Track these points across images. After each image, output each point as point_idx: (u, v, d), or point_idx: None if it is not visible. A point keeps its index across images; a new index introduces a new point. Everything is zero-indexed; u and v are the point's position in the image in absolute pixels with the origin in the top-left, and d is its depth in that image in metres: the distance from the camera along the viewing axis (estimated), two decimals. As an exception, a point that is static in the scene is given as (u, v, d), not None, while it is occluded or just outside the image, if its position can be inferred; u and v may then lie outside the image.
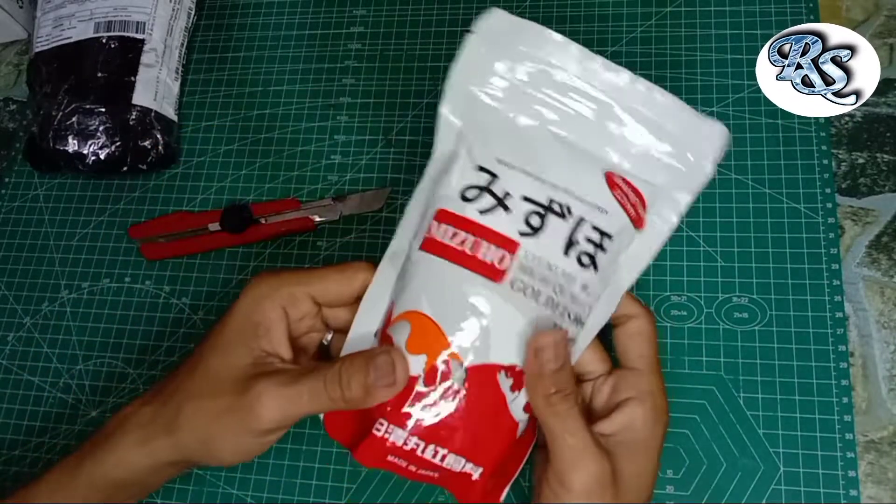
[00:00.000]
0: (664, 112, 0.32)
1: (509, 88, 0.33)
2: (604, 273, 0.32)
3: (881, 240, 0.42)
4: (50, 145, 0.49)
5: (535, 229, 0.31)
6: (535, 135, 0.33)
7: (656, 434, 0.32)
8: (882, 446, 0.38)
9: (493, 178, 0.32)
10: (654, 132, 0.32)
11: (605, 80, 0.32)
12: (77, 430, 0.45)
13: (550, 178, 0.32)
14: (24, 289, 0.49)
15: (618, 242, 0.32)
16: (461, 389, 0.30)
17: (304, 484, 0.42)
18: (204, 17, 0.56)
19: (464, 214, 0.32)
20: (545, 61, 0.32)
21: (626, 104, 0.32)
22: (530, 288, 0.31)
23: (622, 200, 0.32)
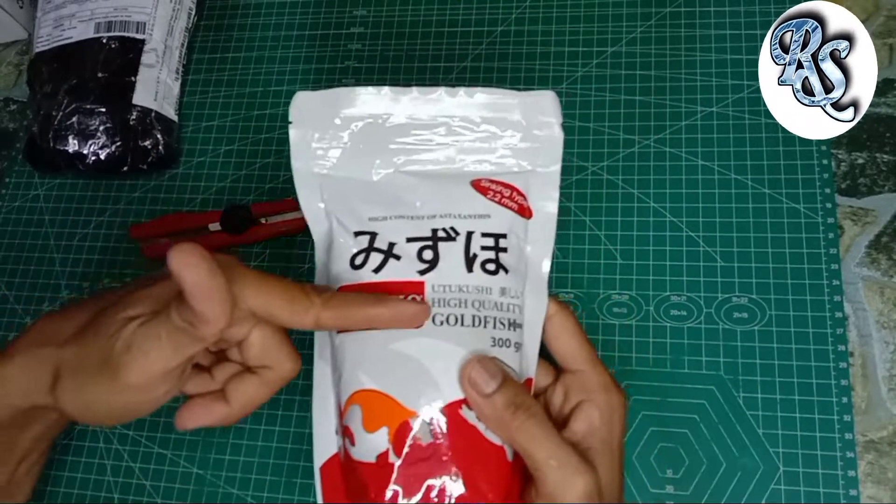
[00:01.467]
0: (494, 106, 0.33)
1: (349, 154, 0.34)
2: (516, 270, 0.32)
3: (881, 240, 0.42)
4: (50, 145, 0.49)
5: (431, 262, 0.32)
6: (393, 182, 0.33)
7: (615, 428, 0.32)
8: (882, 446, 0.38)
9: (372, 237, 0.33)
10: (497, 127, 0.33)
11: (428, 105, 0.33)
12: (77, 430, 0.45)
13: (425, 212, 0.33)
14: (25, 289, 0.49)
15: (514, 237, 0.33)
16: (433, 441, 0.30)
17: (304, 484, 0.42)
18: (204, 18, 0.56)
19: (361, 281, 0.32)
20: (368, 115, 0.33)
21: (459, 116, 0.33)
22: (452, 316, 0.31)
23: (498, 199, 0.33)
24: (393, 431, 0.30)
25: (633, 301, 0.42)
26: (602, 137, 0.46)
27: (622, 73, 0.47)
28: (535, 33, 0.50)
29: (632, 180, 0.45)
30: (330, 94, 0.34)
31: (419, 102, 0.33)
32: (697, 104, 0.46)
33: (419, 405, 0.30)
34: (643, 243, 0.43)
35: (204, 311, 0.27)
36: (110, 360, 0.29)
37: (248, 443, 0.43)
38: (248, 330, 0.31)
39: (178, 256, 0.26)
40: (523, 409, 0.29)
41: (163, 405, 0.31)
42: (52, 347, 0.31)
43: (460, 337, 0.31)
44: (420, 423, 0.30)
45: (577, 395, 0.32)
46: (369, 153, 0.34)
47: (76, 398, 0.30)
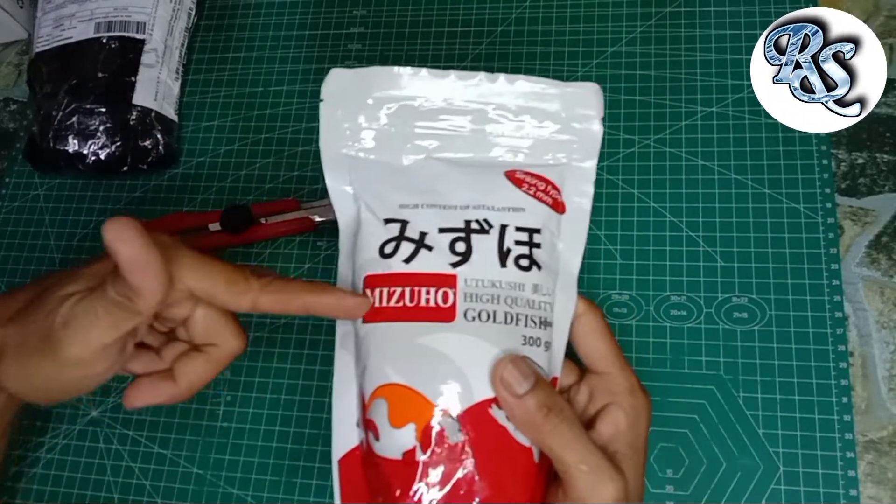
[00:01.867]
0: (534, 95, 0.32)
1: (380, 136, 0.33)
2: (549, 267, 0.32)
3: (881, 240, 0.42)
4: (50, 145, 0.49)
5: (464, 255, 0.31)
6: (424, 168, 0.33)
7: (640, 432, 0.31)
8: (881, 446, 0.38)
9: (403, 225, 0.32)
10: (534, 117, 0.32)
11: (466, 90, 0.33)
12: (77, 430, 0.45)
13: (457, 202, 0.32)
14: (25, 289, 0.49)
15: (548, 233, 0.32)
16: (461, 440, 0.29)
17: (303, 484, 0.42)
18: (204, 18, 0.56)
19: (390, 271, 0.31)
20: (402, 97, 0.33)
21: (496, 103, 0.32)
22: (484, 312, 0.30)
23: (533, 193, 0.32)
24: (421, 428, 0.29)
25: (633, 301, 0.42)
26: (602, 137, 0.46)
27: (622, 73, 0.47)
28: (536, 33, 0.50)
29: (632, 180, 0.45)
30: (364, 72, 0.33)
31: (457, 87, 0.32)
32: (697, 104, 0.46)
33: (449, 402, 0.29)
34: (643, 243, 0.43)
35: (138, 284, 0.27)
36: (50, 337, 0.29)
37: (248, 443, 0.43)
38: (191, 308, 0.31)
39: (113, 230, 0.27)
40: (555, 411, 0.29)
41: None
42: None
43: (492, 334, 0.30)
44: (450, 421, 0.29)
45: (604, 398, 0.31)
46: (401, 137, 0.33)
47: (18, 376, 0.30)
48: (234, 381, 0.44)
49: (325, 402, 0.42)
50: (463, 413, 0.29)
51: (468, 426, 0.29)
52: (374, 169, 0.33)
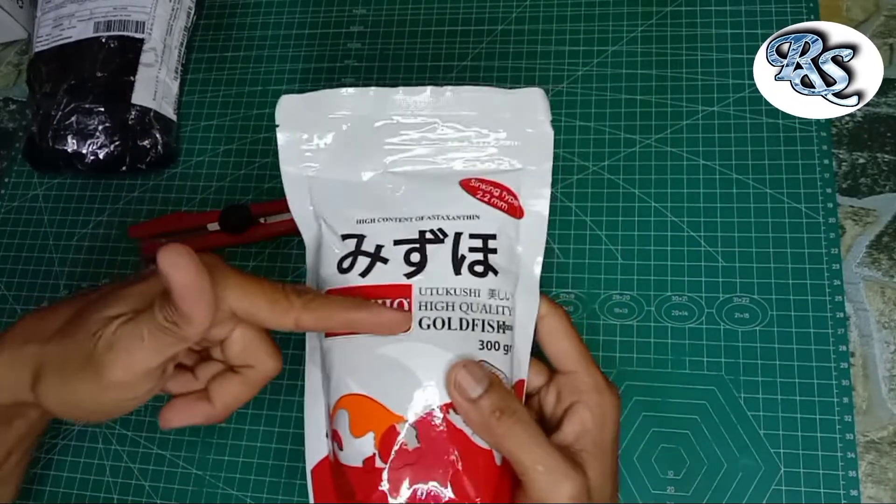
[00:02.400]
0: (481, 104, 0.33)
1: (336, 155, 0.33)
2: (507, 271, 0.32)
3: (882, 240, 0.42)
4: (49, 145, 0.49)
5: (418, 265, 0.31)
6: (381, 183, 0.33)
7: (607, 429, 0.31)
8: (882, 446, 0.38)
9: (360, 240, 0.32)
10: (485, 126, 0.33)
11: (415, 104, 0.33)
12: (76, 431, 0.45)
13: (413, 213, 0.32)
14: (24, 289, 0.49)
15: (505, 237, 0.32)
16: (419, 446, 0.30)
17: (303, 484, 0.41)
18: (203, 17, 0.55)
19: (348, 285, 0.32)
20: (355, 116, 0.33)
21: (445, 115, 0.33)
22: (439, 319, 0.31)
23: (488, 199, 0.32)
24: (379, 436, 0.30)
25: (635, 301, 0.42)
26: (603, 137, 0.46)
27: (622, 73, 0.47)
28: (536, 32, 0.50)
29: (633, 180, 0.45)
30: (315, 96, 0.33)
31: (407, 102, 0.33)
32: (698, 103, 0.46)
33: (406, 410, 0.30)
34: (644, 243, 0.43)
35: (189, 311, 0.27)
36: (92, 359, 0.29)
37: (248, 444, 0.43)
38: (230, 330, 0.31)
39: (168, 257, 0.26)
40: (508, 413, 0.29)
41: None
42: (35, 345, 0.31)
43: (447, 341, 0.30)
44: (407, 428, 0.30)
45: (570, 397, 0.32)
46: (357, 154, 0.33)
47: (58, 395, 0.30)
48: (234, 382, 0.44)
49: (325, 403, 0.42)
50: (419, 420, 0.30)
51: (424, 433, 0.30)
52: (332, 187, 0.33)
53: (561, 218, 0.45)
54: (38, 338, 0.31)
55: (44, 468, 0.44)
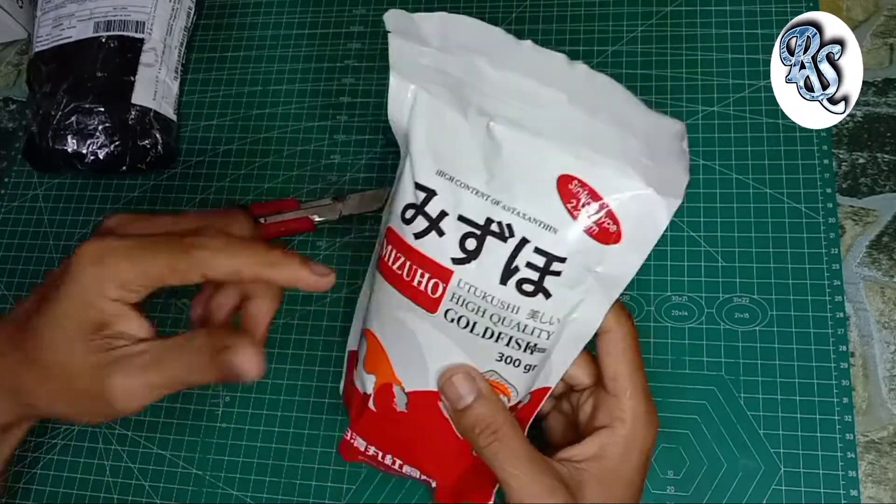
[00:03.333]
0: (618, 101, 0.28)
1: (445, 79, 0.29)
2: (563, 295, 0.28)
3: (882, 240, 0.42)
4: (49, 145, 0.49)
5: (470, 254, 0.28)
6: (477, 136, 0.28)
7: (630, 464, 0.30)
8: (882, 446, 0.38)
9: (428, 196, 0.29)
10: (615, 124, 0.28)
11: (544, 68, 0.28)
12: (76, 431, 0.45)
13: (492, 191, 0.28)
14: (24, 289, 0.49)
15: (578, 263, 0.28)
16: (404, 412, 0.30)
17: (303, 484, 0.41)
18: (203, 17, 0.56)
19: (403, 237, 0.30)
20: (474, 48, 0.29)
21: (574, 91, 0.28)
22: (464, 319, 0.29)
23: (577, 215, 0.27)
24: (379, 383, 0.31)
25: (634, 301, 0.42)
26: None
27: (622, 73, 0.47)
28: (536, 32, 0.50)
29: (632, 180, 0.45)
30: (432, 16, 0.30)
31: (535, 58, 0.28)
32: (698, 104, 0.46)
33: (406, 377, 0.30)
34: (644, 243, 0.43)
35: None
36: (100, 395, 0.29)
37: (248, 443, 0.43)
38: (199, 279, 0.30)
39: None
40: (489, 431, 0.29)
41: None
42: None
43: (465, 341, 0.29)
44: (401, 393, 0.30)
45: (603, 418, 0.31)
46: (467, 90, 0.28)
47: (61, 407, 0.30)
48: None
49: (324, 403, 0.42)
50: (414, 392, 0.30)
51: (413, 405, 0.30)
52: (430, 114, 0.29)
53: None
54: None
55: (44, 468, 0.44)
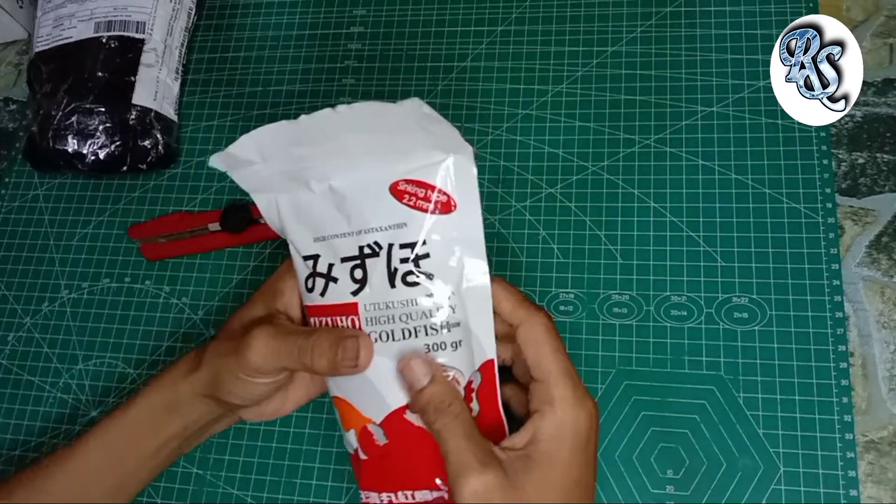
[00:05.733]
0: (383, 114, 0.32)
1: (280, 178, 0.34)
2: (444, 270, 0.33)
3: (881, 240, 0.42)
4: (49, 145, 0.49)
5: (361, 281, 0.33)
6: (327, 196, 0.34)
7: (565, 446, 0.31)
8: (882, 446, 0.38)
9: (315, 260, 0.34)
10: (391, 131, 0.32)
11: (322, 124, 0.32)
12: (77, 430, 0.45)
13: (354, 227, 0.33)
14: (24, 289, 0.49)
15: (437, 238, 0.32)
16: (387, 442, 0.33)
17: (303, 484, 0.42)
18: (204, 17, 0.56)
19: (313, 303, 0.35)
20: (280, 145, 0.33)
21: (356, 127, 0.32)
22: (383, 333, 0.33)
23: (413, 203, 0.32)
24: (358, 433, 0.34)
25: (634, 301, 0.42)
26: (602, 137, 0.46)
27: (622, 73, 0.47)
28: (536, 33, 0.50)
29: (632, 180, 0.45)
30: (238, 143, 0.34)
31: (312, 124, 0.32)
32: (698, 104, 0.46)
33: (372, 413, 0.34)
34: (643, 243, 0.43)
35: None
36: (239, 346, 0.34)
37: (248, 443, 0.43)
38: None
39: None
40: (441, 409, 0.32)
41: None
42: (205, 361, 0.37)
43: (393, 351, 0.33)
44: (376, 428, 0.34)
45: (536, 404, 0.32)
46: (297, 175, 0.34)
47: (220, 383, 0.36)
48: (234, 381, 0.44)
49: (324, 403, 0.42)
50: (384, 420, 0.33)
51: (390, 431, 0.33)
52: (289, 207, 0.35)
53: (560, 218, 0.45)
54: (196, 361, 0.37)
55: (44, 468, 0.44)
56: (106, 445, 0.37)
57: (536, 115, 0.48)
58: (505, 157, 0.47)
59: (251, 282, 0.47)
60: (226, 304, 0.46)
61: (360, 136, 0.32)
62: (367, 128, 0.32)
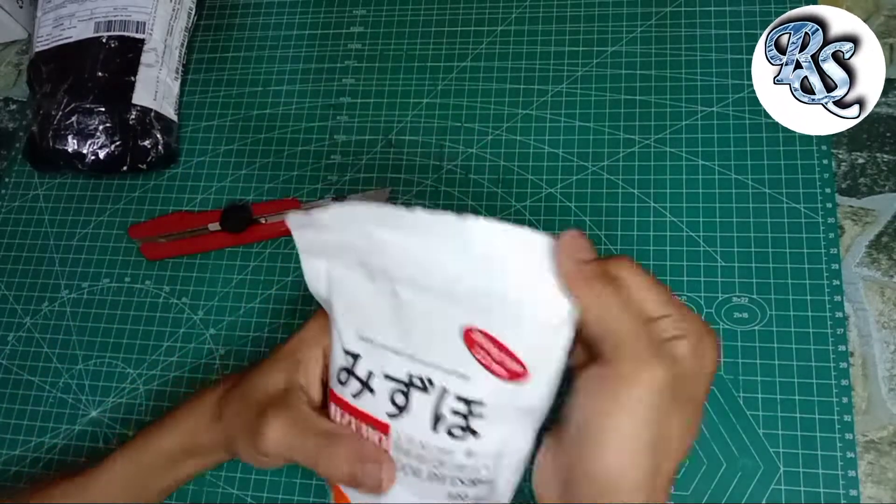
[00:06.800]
0: (499, 242, 0.28)
1: (352, 255, 0.31)
2: (491, 434, 0.30)
3: (881, 240, 0.42)
4: (50, 145, 0.49)
5: (400, 408, 0.30)
6: (387, 299, 0.30)
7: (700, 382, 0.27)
8: (882, 446, 0.38)
9: (355, 360, 0.32)
10: (498, 269, 0.28)
11: (443, 230, 0.28)
12: (77, 430, 0.45)
13: (408, 349, 0.30)
14: (25, 289, 0.49)
15: (495, 403, 0.29)
16: None
17: (304, 484, 0.42)
18: (204, 17, 0.56)
19: (343, 397, 0.32)
20: (373, 221, 0.30)
21: (464, 246, 0.28)
22: (409, 466, 0.31)
23: (485, 361, 0.29)
24: None
25: (634, 301, 0.42)
26: (602, 137, 0.46)
27: (622, 73, 0.47)
28: (536, 33, 0.50)
29: (632, 180, 0.45)
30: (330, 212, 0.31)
31: (424, 222, 0.28)
32: (697, 104, 0.46)
33: None
34: (643, 243, 0.43)
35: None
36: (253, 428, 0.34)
37: (248, 443, 0.43)
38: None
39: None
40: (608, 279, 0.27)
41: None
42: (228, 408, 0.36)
43: (414, 484, 0.31)
44: None
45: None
46: (371, 257, 0.30)
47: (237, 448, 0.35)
48: (234, 381, 0.44)
49: (324, 402, 0.42)
50: None
51: None
52: (345, 286, 0.32)
53: (560, 218, 0.45)
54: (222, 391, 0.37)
55: (44, 468, 0.44)
56: (123, 480, 0.37)
57: (536, 115, 0.48)
58: (505, 157, 0.47)
59: (251, 282, 0.47)
60: (226, 304, 0.46)
61: (460, 257, 0.28)
62: (478, 253, 0.28)
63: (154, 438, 0.37)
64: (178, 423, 0.37)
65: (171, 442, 0.37)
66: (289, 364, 0.35)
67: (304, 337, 0.35)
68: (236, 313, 0.46)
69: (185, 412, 0.37)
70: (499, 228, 0.27)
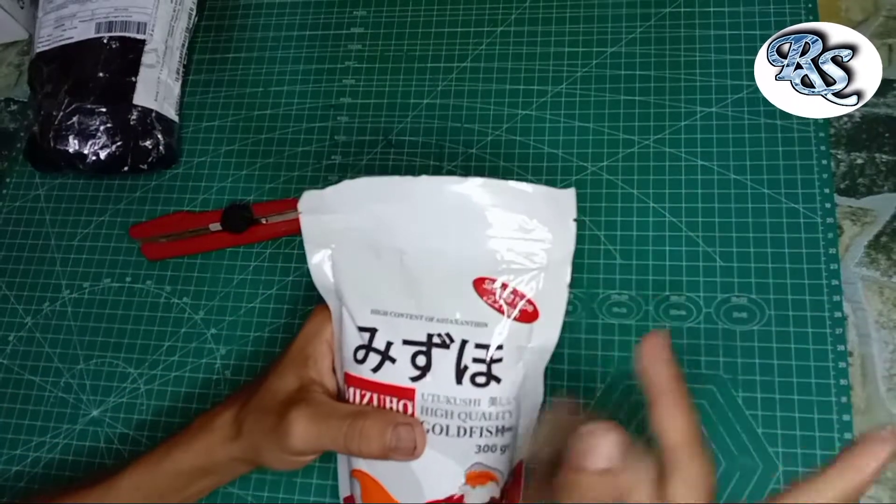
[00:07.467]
0: (503, 196, 0.31)
1: (355, 234, 0.33)
2: (510, 375, 0.32)
3: (880, 240, 0.42)
4: (51, 145, 0.49)
5: (423, 369, 0.32)
6: (396, 270, 0.32)
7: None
8: (881, 446, 0.38)
9: (372, 334, 0.33)
10: (504, 221, 0.31)
11: (436, 193, 0.31)
12: (78, 430, 0.45)
13: (424, 311, 0.32)
14: (25, 288, 0.50)
15: (512, 345, 0.32)
16: None
17: (304, 483, 0.42)
18: (205, 18, 0.56)
19: (361, 376, 0.33)
20: (379, 198, 0.32)
21: (470, 204, 0.31)
22: (437, 426, 0.32)
23: (498, 306, 0.31)
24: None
25: (633, 301, 0.42)
26: (602, 137, 0.46)
27: (622, 73, 0.48)
28: (535, 33, 0.50)
29: (631, 180, 0.45)
30: (337, 188, 0.33)
31: (428, 189, 0.31)
32: (697, 104, 0.46)
33: (402, 498, 0.32)
34: (643, 243, 0.43)
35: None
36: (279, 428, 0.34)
37: (249, 442, 0.43)
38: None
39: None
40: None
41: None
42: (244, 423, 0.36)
43: (444, 445, 0.32)
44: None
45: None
46: (376, 238, 0.33)
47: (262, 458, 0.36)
48: (235, 381, 0.44)
49: (325, 402, 0.43)
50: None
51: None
52: (351, 266, 0.33)
53: (560, 218, 0.45)
54: (234, 406, 0.37)
55: (44, 468, 0.45)
56: (139, 498, 0.37)
57: (536, 115, 0.48)
58: (505, 157, 0.47)
59: (252, 282, 0.47)
60: (226, 304, 0.46)
61: (455, 216, 0.31)
62: (481, 209, 0.31)
63: (167, 459, 0.37)
64: (191, 444, 0.37)
65: (185, 463, 0.37)
66: (298, 362, 0.35)
67: (309, 333, 0.36)
68: (237, 313, 0.46)
69: (198, 434, 0.37)
70: (498, 184, 0.30)
